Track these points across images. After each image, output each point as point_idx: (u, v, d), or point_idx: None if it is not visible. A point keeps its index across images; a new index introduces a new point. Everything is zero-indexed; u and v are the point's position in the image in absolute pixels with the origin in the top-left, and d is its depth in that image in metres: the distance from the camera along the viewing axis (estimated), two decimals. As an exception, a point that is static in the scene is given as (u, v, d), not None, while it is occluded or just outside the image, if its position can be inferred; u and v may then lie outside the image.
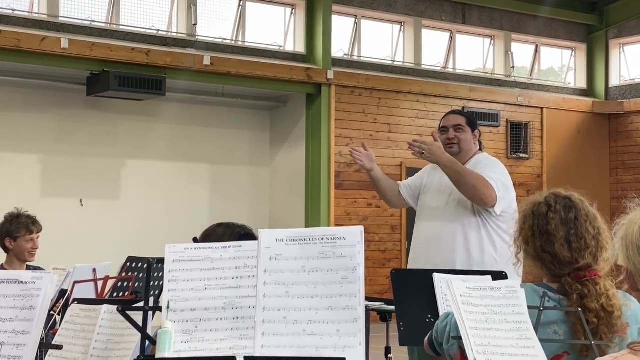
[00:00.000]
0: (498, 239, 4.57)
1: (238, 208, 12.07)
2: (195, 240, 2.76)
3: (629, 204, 2.21)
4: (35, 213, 5.43)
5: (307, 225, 11.87)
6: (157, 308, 2.32)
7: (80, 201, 10.95)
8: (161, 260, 2.38)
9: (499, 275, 3.46)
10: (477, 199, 4.53)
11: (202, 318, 2.23)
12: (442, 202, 4.72)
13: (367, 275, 11.89)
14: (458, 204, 4.64)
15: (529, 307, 2.51)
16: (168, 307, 2.24)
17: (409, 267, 4.89)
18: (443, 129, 4.85)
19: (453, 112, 5.04)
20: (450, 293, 2.55)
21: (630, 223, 2.14)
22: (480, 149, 4.92)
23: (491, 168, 4.66)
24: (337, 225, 11.85)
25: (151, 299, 2.49)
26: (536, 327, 2.48)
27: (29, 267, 5.25)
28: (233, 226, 2.78)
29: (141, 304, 2.40)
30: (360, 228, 2.23)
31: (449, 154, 4.65)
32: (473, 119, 4.95)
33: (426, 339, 2.82)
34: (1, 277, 2.28)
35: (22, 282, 2.26)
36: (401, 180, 5.22)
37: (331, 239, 2.23)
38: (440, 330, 2.71)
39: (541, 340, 2.45)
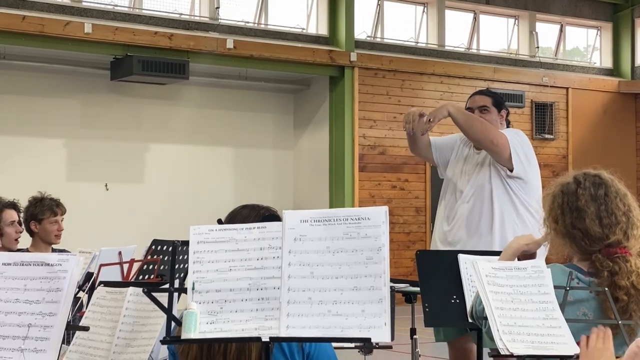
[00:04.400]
0: (526, 214, 4.54)
1: (262, 191, 12.09)
2: (219, 221, 2.76)
3: None
4: (60, 197, 5.46)
5: (331, 208, 11.87)
6: (182, 289, 2.32)
7: (105, 185, 11.02)
8: (186, 243, 2.38)
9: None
10: (489, 144, 4.49)
11: (227, 299, 2.23)
12: (465, 178, 4.70)
13: (392, 258, 11.84)
14: (481, 187, 4.62)
15: (556, 287, 2.49)
16: (193, 289, 2.24)
17: (432, 246, 4.88)
18: (468, 110, 4.81)
19: (479, 92, 5.00)
20: (476, 273, 2.54)
21: None
22: (507, 128, 4.88)
23: (510, 133, 4.65)
24: (361, 207, 11.82)
25: (176, 281, 2.50)
26: (562, 306, 2.46)
27: (54, 250, 5.29)
28: (258, 207, 2.78)
29: (166, 286, 2.41)
30: (385, 208, 2.22)
31: (455, 107, 4.65)
32: (499, 99, 4.90)
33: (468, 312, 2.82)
34: (28, 259, 2.30)
35: (48, 265, 2.28)
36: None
37: (355, 219, 2.22)
38: (480, 312, 2.68)
39: (568, 320, 2.43)
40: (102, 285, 2.97)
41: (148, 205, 11.18)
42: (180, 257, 3.96)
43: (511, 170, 4.54)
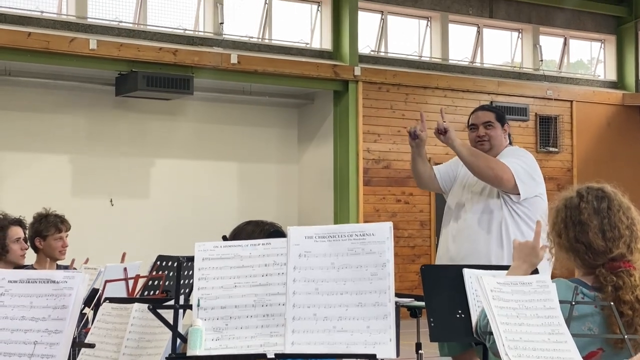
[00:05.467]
0: (526, 228, 4.54)
1: (266, 206, 12.09)
2: (224, 238, 2.77)
3: None
4: (66, 212, 5.47)
5: (336, 222, 11.86)
6: (187, 306, 2.33)
7: (110, 200, 11.04)
8: (191, 259, 2.39)
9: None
10: (494, 179, 4.51)
11: (232, 316, 2.24)
12: (468, 195, 4.71)
13: (397, 272, 11.87)
14: (484, 197, 4.63)
15: (561, 302, 2.49)
16: (198, 305, 2.24)
17: (437, 262, 4.88)
18: (472, 127, 4.82)
19: (482, 108, 5.02)
20: (481, 288, 2.53)
21: None
22: (510, 143, 4.90)
23: (514, 156, 4.65)
24: (366, 221, 11.83)
25: (181, 297, 2.51)
26: (568, 321, 2.46)
27: (59, 267, 5.30)
28: (262, 224, 2.79)
29: (172, 302, 2.42)
30: (389, 224, 2.22)
31: (460, 140, 4.65)
32: (502, 114, 4.92)
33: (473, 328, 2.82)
34: (34, 276, 2.30)
35: (54, 282, 2.28)
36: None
37: (360, 235, 2.22)
38: (484, 327, 2.68)
39: (574, 335, 2.42)
40: (108, 301, 2.97)
41: (153, 220, 11.19)
42: (185, 273, 3.96)
43: (517, 195, 4.55)
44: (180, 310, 2.37)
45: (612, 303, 2.51)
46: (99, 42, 10.12)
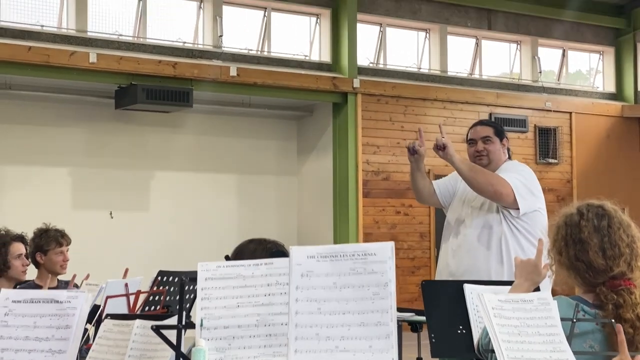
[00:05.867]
0: (526, 243, 4.55)
1: (266, 218, 12.11)
2: (227, 258, 2.78)
3: None
4: (66, 226, 5.49)
5: (335, 234, 11.87)
6: (190, 325, 2.34)
7: (110, 213, 11.04)
8: (193, 277, 2.40)
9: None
10: (493, 195, 4.53)
11: (235, 335, 2.24)
12: (468, 211, 4.72)
13: (397, 284, 11.80)
14: (483, 212, 4.64)
15: (562, 320, 2.49)
16: (201, 325, 2.25)
17: (437, 276, 4.89)
18: (471, 141, 4.84)
19: (480, 122, 5.03)
20: (482, 306, 2.54)
21: None
22: (509, 157, 4.92)
23: (513, 170, 4.67)
24: (365, 233, 11.84)
25: (183, 314, 2.51)
26: (569, 339, 2.47)
27: (59, 282, 5.31)
28: (265, 242, 2.80)
29: (173, 319, 2.42)
30: (391, 244, 2.23)
31: (458, 155, 4.66)
32: (500, 128, 4.94)
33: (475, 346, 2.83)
34: (37, 296, 2.31)
35: (58, 302, 2.29)
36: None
37: (362, 255, 2.23)
38: (485, 345, 2.69)
39: (575, 353, 2.43)
40: (109, 317, 2.98)
41: (153, 232, 11.20)
42: (187, 288, 3.97)
43: (517, 210, 4.56)
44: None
45: (613, 320, 2.52)
46: (98, 56, 10.15)
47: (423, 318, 4.40)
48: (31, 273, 5.29)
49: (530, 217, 4.59)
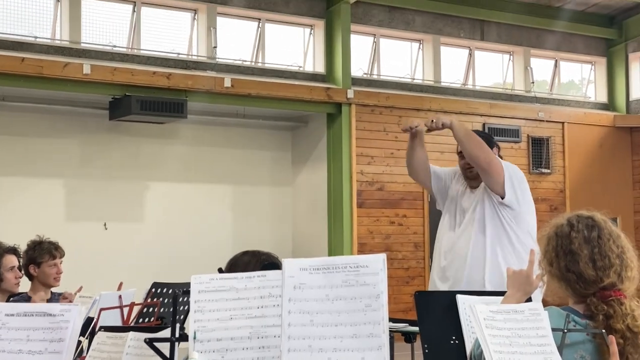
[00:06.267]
0: (520, 248, 4.58)
1: (261, 228, 12.11)
2: (220, 270, 2.79)
3: None
4: (59, 237, 5.49)
5: (330, 244, 11.88)
6: (183, 338, 2.35)
7: (104, 225, 11.04)
8: (187, 290, 2.41)
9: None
10: (484, 166, 4.55)
11: (228, 348, 2.26)
12: (460, 215, 4.76)
13: (391, 294, 11.86)
14: (476, 217, 4.68)
15: (553, 330, 2.51)
16: (195, 338, 2.26)
17: (430, 286, 4.91)
18: (461, 153, 4.87)
19: None
20: (474, 317, 2.56)
21: None
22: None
23: (506, 165, 4.71)
24: (360, 243, 11.85)
25: (177, 325, 2.52)
26: (560, 349, 2.48)
27: (52, 294, 5.30)
28: (258, 254, 2.81)
29: (167, 331, 2.43)
30: (383, 256, 2.25)
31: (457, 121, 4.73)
32: (489, 137, 4.98)
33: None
34: (31, 310, 2.32)
35: (51, 315, 2.30)
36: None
37: (354, 267, 2.25)
38: (478, 356, 2.71)
39: (566, 364, 2.45)
40: (103, 330, 2.99)
41: (147, 243, 11.19)
42: (180, 300, 3.97)
43: (502, 197, 4.59)
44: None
45: (603, 330, 2.54)
46: (92, 67, 10.16)
47: (416, 328, 4.42)
48: (24, 285, 5.28)
49: (520, 223, 4.62)
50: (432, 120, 4.66)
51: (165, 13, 11.35)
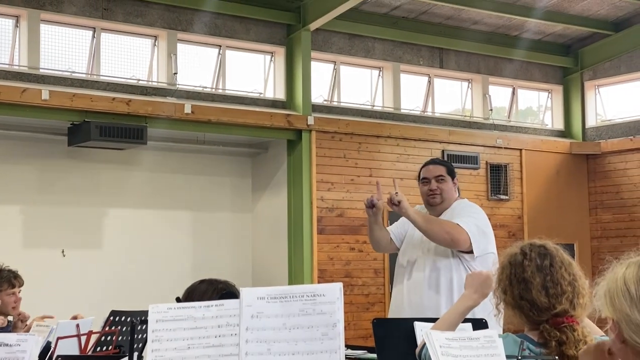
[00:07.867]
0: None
1: (221, 254, 12.08)
2: (178, 300, 2.79)
3: (606, 265, 2.21)
4: (17, 264, 5.44)
5: (290, 270, 11.87)
6: (141, 367, 2.35)
7: (62, 251, 10.92)
8: (144, 318, 2.41)
9: (479, 323, 3.51)
10: (450, 242, 4.60)
11: (185, 377, 2.26)
12: (419, 253, 4.80)
13: (351, 320, 11.89)
14: (435, 254, 4.72)
15: (508, 357, 2.55)
16: (152, 367, 2.27)
17: (391, 314, 4.94)
18: (424, 180, 4.92)
19: (432, 161, 5.11)
20: (430, 344, 2.59)
21: (612, 279, 2.13)
22: (459, 195, 5.01)
23: (466, 212, 4.75)
24: (320, 269, 11.87)
25: (135, 354, 2.52)
26: (515, 376, 2.53)
27: (9, 322, 5.24)
28: (216, 282, 2.82)
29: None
30: (339, 285, 2.27)
31: (412, 209, 4.72)
32: (452, 167, 5.04)
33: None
34: (-14, 340, 2.31)
35: (7, 345, 2.29)
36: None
37: (311, 296, 2.27)
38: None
39: (520, 390, 2.49)
40: (60, 359, 2.97)
41: (106, 270, 11.10)
42: (139, 328, 3.96)
43: (471, 254, 4.64)
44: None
45: (556, 357, 2.59)
46: (51, 93, 10.10)
47: (374, 356, 4.44)
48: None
49: (483, 259, 4.67)
50: (397, 192, 4.67)
51: (125, 39, 11.33)
